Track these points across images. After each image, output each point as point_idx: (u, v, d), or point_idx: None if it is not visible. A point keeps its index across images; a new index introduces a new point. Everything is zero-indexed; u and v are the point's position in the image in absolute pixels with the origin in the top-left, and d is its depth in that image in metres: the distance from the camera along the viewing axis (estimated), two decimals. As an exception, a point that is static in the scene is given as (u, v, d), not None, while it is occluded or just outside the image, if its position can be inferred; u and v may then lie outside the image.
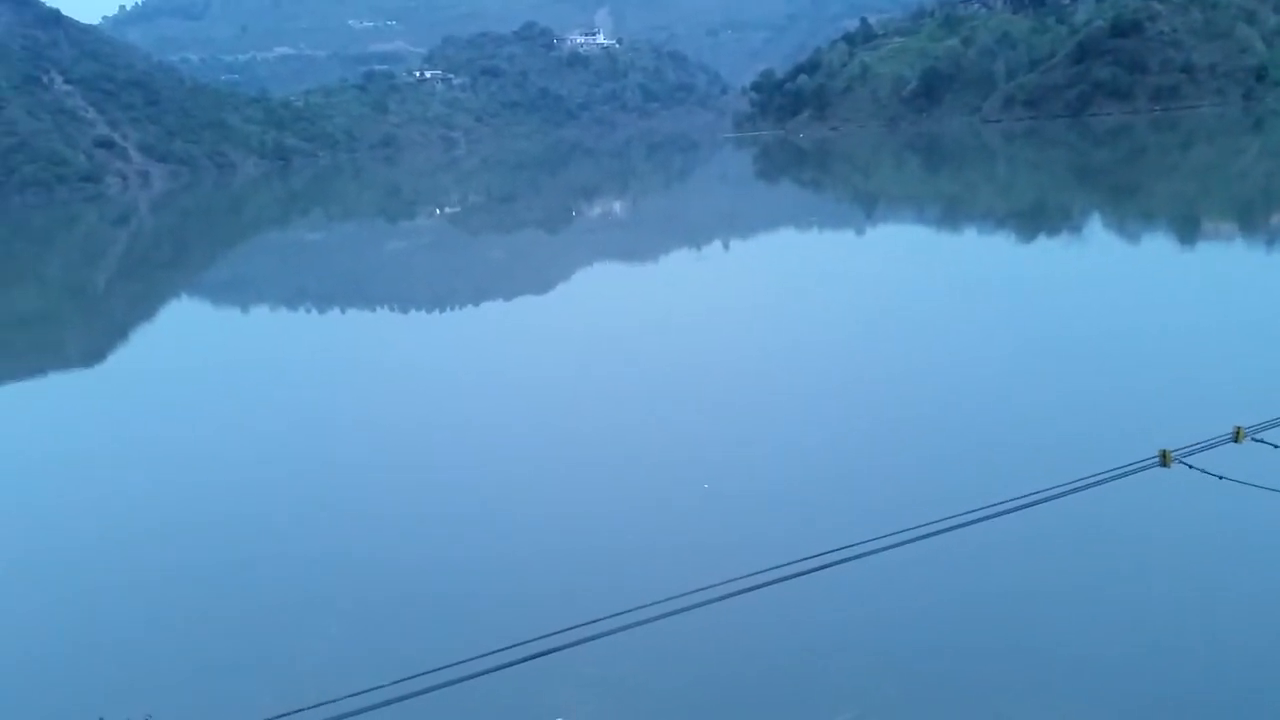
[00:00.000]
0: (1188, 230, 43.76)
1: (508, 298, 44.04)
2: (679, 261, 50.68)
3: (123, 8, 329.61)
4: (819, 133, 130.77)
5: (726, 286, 40.06)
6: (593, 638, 5.45)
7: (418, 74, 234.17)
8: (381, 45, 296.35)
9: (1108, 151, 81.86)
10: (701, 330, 30.51)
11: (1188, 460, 6.74)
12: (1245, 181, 61.17)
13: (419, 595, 14.86)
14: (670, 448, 19.94)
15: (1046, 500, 6.77)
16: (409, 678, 5.31)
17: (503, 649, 5.11)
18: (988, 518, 6.68)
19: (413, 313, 42.27)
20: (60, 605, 15.49)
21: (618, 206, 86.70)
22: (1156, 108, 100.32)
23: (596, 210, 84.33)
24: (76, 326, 47.23)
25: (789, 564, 6.19)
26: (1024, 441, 18.44)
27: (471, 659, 5.17)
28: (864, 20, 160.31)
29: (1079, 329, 26.68)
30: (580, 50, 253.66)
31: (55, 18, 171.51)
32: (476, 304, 42.52)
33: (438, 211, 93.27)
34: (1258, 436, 6.95)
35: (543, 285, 46.97)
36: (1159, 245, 41.60)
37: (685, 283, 43.49)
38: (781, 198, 79.13)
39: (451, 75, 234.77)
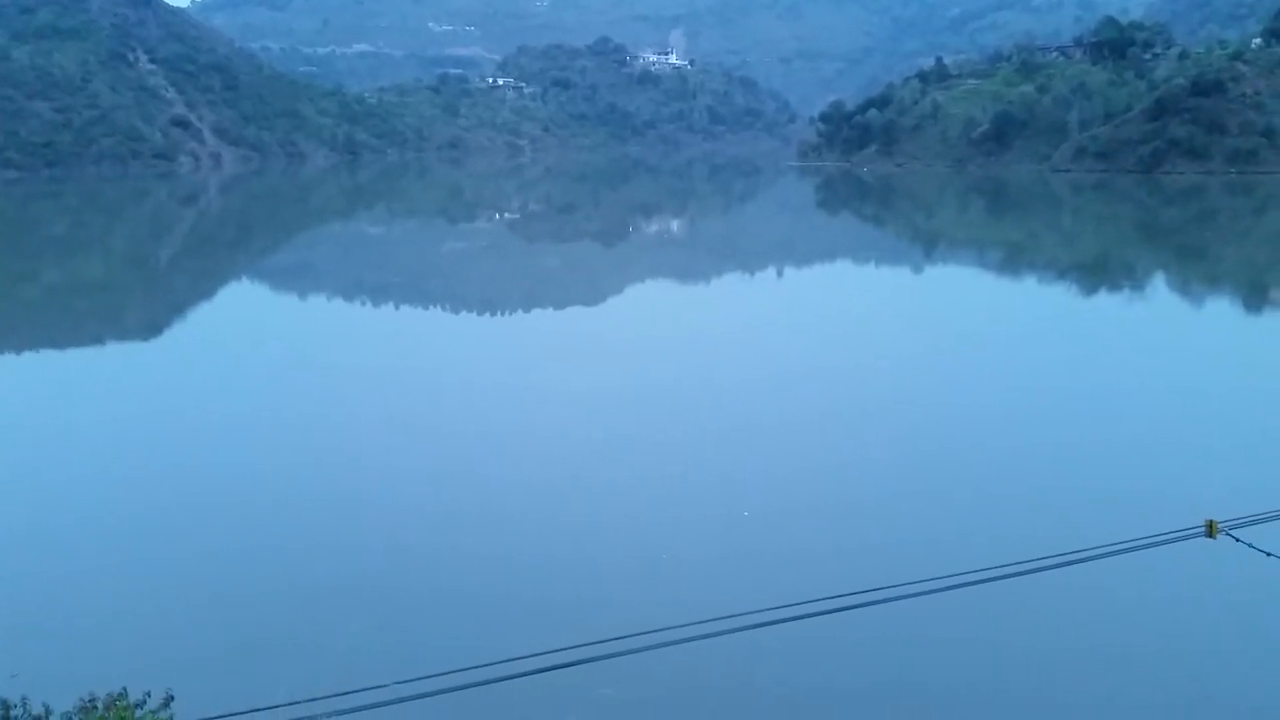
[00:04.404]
0: (1255, 297, 42.72)
1: (559, 306, 44.24)
2: (732, 285, 50.60)
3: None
4: (884, 168, 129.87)
5: (777, 313, 39.84)
6: (611, 655, 5.42)
7: (490, 80, 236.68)
8: (458, 49, 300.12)
9: (1178, 210, 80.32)
10: (750, 355, 30.37)
11: (1235, 533, 6.56)
12: (1319, 252, 59.68)
13: (445, 593, 14.94)
14: (713, 468, 19.85)
15: (1086, 560, 6.63)
16: (424, 677, 5.32)
17: (519, 658, 5.10)
18: (1024, 573, 6.56)
19: (463, 314, 42.63)
20: (88, 576, 15.76)
21: (675, 225, 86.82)
22: (1232, 170, 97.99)
23: (654, 227, 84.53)
24: (136, 298, 48.29)
25: (821, 600, 6.11)
26: (1067, 496, 18.10)
27: (486, 665, 5.16)
28: (939, 59, 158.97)
29: (1132, 387, 26.16)
30: (652, 69, 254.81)
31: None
32: (527, 310, 42.76)
33: (498, 216, 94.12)
34: (1311, 515, 6.74)
35: (594, 297, 47.15)
36: (1224, 309, 40.67)
37: (736, 306, 43.37)
38: (840, 230, 78.70)
39: (523, 84, 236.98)
